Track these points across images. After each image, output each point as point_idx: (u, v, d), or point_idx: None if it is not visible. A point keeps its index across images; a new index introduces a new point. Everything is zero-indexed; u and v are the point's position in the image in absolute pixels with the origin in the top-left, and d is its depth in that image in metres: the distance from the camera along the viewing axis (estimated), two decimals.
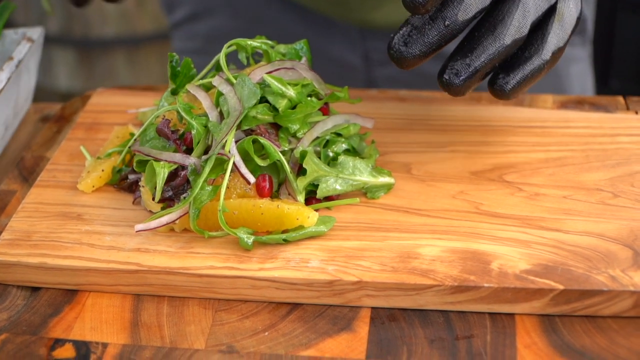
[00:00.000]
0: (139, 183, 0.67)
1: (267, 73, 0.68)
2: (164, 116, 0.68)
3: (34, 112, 0.90)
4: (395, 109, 0.81)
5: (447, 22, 0.61)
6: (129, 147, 0.69)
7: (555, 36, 0.65)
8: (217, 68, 0.72)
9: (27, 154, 0.80)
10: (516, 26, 0.63)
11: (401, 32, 0.61)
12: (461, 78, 0.62)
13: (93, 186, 0.70)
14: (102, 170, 0.70)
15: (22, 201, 0.71)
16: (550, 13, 0.65)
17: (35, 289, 0.65)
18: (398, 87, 1.00)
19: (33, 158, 0.80)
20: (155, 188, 0.64)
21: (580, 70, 1.11)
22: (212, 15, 1.07)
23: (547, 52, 0.64)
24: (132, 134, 0.73)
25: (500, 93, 0.64)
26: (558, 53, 0.66)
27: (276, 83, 0.66)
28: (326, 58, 1.04)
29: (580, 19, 0.67)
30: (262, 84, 0.67)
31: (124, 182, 0.70)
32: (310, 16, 1.04)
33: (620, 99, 0.82)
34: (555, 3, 0.65)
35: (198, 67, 0.75)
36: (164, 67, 0.84)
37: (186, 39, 1.13)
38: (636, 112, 0.79)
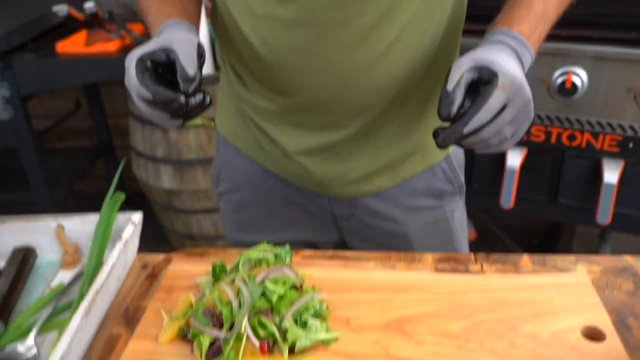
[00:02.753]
0: (193, 346, 1.18)
1: (264, 276, 1.18)
2: (207, 304, 1.19)
3: (137, 261, 1.37)
4: (342, 273, 1.29)
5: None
6: (188, 318, 1.20)
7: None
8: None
9: (130, 305, 1.26)
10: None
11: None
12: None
13: (168, 339, 1.20)
14: (173, 330, 1.20)
15: (126, 344, 1.20)
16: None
17: None
18: (356, 233, 1.52)
19: (133, 307, 1.25)
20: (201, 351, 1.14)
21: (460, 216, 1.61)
22: (240, 189, 1.60)
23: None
24: (191, 305, 1.23)
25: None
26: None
27: (270, 286, 1.16)
28: (308, 215, 1.59)
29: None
30: (263, 283, 1.17)
31: (186, 337, 1.20)
32: (295, 187, 1.53)
33: (471, 255, 1.25)
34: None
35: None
36: None
37: (226, 203, 1.65)
38: (481, 266, 1.22)
